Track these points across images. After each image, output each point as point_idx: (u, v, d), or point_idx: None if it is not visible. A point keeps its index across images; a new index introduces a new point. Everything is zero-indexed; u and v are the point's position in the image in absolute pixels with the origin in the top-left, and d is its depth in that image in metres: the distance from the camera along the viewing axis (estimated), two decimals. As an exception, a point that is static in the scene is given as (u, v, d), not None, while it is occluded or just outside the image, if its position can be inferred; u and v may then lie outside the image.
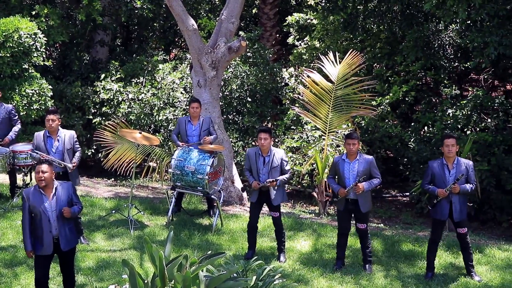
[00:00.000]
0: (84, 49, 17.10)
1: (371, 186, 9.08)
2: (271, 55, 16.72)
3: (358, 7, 16.26)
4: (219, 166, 10.93)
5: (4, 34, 13.29)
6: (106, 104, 15.28)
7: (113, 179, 15.10)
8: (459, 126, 13.69)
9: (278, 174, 9.43)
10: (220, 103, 13.89)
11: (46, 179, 7.36)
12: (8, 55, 13.29)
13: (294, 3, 21.21)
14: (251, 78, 15.61)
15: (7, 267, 8.91)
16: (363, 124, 14.64)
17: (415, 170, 13.78)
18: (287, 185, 14.46)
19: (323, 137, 13.24)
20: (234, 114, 15.58)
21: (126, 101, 15.19)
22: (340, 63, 13.12)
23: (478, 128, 13.64)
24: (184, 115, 14.65)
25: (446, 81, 15.40)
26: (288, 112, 15.32)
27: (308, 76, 13.23)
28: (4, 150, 10.88)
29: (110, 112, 15.17)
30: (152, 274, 6.09)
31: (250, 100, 15.72)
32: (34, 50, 13.69)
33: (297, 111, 13.72)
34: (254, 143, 14.79)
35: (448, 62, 15.66)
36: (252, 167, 9.51)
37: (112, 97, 15.23)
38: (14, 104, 13.03)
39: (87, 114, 15.42)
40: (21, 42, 13.39)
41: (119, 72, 15.82)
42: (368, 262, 9.42)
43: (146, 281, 5.94)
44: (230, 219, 11.45)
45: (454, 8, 12.54)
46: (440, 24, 15.55)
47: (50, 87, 14.09)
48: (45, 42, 14.06)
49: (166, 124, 14.92)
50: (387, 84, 15.33)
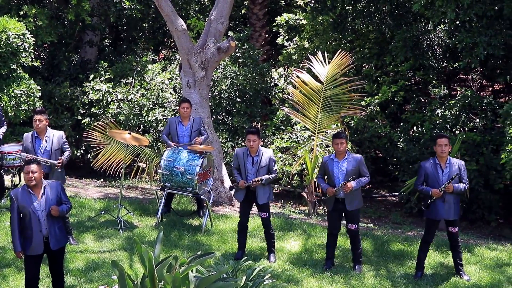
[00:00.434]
0: (73, 49, 17.03)
1: (359, 185, 9.09)
2: (260, 56, 16.72)
3: (347, 7, 16.29)
4: (208, 166, 10.92)
5: (-8, 34, 13.24)
6: (95, 104, 15.23)
7: (102, 180, 15.06)
8: (448, 126, 13.73)
9: (266, 173, 9.44)
10: (210, 104, 13.88)
11: (36, 179, 7.37)
12: (-4, 55, 13.25)
13: (283, 3, 21.21)
14: (240, 78, 15.60)
15: (-4, 268, 8.87)
16: (352, 124, 14.66)
17: (404, 170, 13.82)
18: (276, 185, 14.50)
19: (312, 137, 13.25)
20: (224, 114, 15.57)
21: (115, 101, 15.15)
22: (329, 63, 13.14)
23: (466, 128, 13.68)
24: (173, 116, 14.63)
25: (435, 81, 15.45)
26: (278, 113, 15.33)
27: (298, 77, 13.24)
28: (-9, 151, 10.82)
29: (99, 112, 15.12)
30: (141, 275, 6.08)
31: (239, 100, 15.71)
32: (22, 50, 13.62)
33: (286, 111, 13.73)
34: (244, 143, 14.78)
35: (437, 62, 15.71)
36: (241, 167, 9.52)
37: (101, 97, 15.19)
38: (2, 105, 12.97)
39: (76, 114, 15.36)
40: (9, 42, 13.31)
41: (108, 73, 15.77)
42: (358, 262, 9.43)
43: (135, 282, 5.93)
44: (220, 219, 11.44)
45: (442, 8, 12.58)
46: (429, 25, 15.60)
47: (39, 87, 14.02)
48: (33, 42, 13.99)
49: (155, 124, 14.90)
50: (376, 84, 15.36)
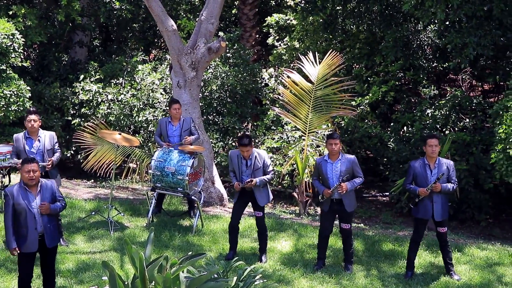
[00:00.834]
0: (63, 49, 16.98)
1: (354, 186, 9.12)
2: (251, 56, 16.72)
3: (337, 7, 16.31)
4: (199, 167, 10.91)
5: (-19, 34, 13.18)
6: (85, 105, 15.19)
7: (92, 181, 15.02)
8: (438, 126, 13.78)
9: (261, 175, 9.45)
10: (200, 104, 13.86)
11: (36, 178, 7.46)
12: (-14, 56, 13.19)
13: (274, 3, 21.22)
14: (231, 78, 15.60)
15: (-14, 270, 8.83)
16: (343, 125, 14.69)
17: (395, 170, 13.85)
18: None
19: (303, 137, 13.27)
20: (214, 114, 15.56)
21: (106, 102, 15.11)
22: (319, 64, 13.15)
23: (456, 128, 13.73)
24: (164, 116, 14.61)
25: (425, 81, 15.49)
26: (268, 113, 15.34)
27: (288, 77, 13.25)
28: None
29: (90, 113, 15.09)
30: (132, 276, 6.06)
31: (230, 100, 15.70)
32: (12, 51, 13.57)
33: (277, 111, 13.74)
34: (235, 143, 14.78)
35: (427, 62, 15.76)
36: (235, 169, 9.53)
37: (91, 98, 15.15)
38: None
39: (66, 115, 15.32)
40: (-2, 42, 13.28)
41: (98, 73, 15.73)
42: (349, 262, 9.45)
43: (126, 282, 5.92)
44: (211, 220, 11.43)
45: (432, 9, 12.62)
46: (419, 25, 15.64)
47: (28, 88, 13.98)
48: (23, 42, 13.94)
49: (146, 125, 14.87)
50: (366, 85, 15.39)
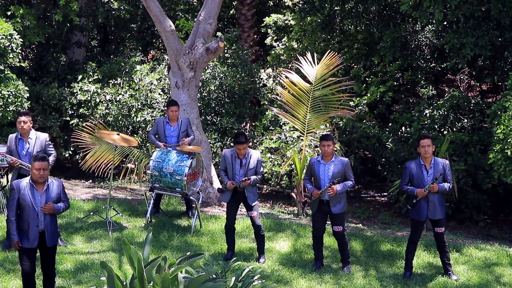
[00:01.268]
0: (61, 50, 16.96)
1: (344, 188, 9.12)
2: (249, 56, 16.71)
3: (335, 8, 16.31)
4: (197, 167, 10.91)
5: (-21, 35, 13.17)
6: (83, 105, 15.17)
7: (91, 181, 15.01)
8: (436, 127, 13.79)
9: (253, 175, 9.47)
10: (198, 104, 13.86)
11: (45, 176, 7.50)
12: (-16, 56, 13.17)
13: (272, 4, 21.22)
14: (229, 79, 15.59)
15: (-16, 270, 8.82)
16: (341, 125, 14.68)
17: (393, 170, 13.86)
18: (265, 185, 14.52)
19: (301, 137, 13.26)
20: (213, 115, 15.56)
21: (104, 102, 15.10)
22: (318, 64, 13.15)
23: (454, 128, 13.74)
24: (162, 116, 14.61)
25: (423, 81, 15.50)
26: (267, 113, 15.33)
27: (286, 77, 13.24)
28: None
29: (88, 113, 15.06)
30: (130, 276, 6.06)
31: (228, 101, 15.70)
32: (10, 51, 13.55)
33: (275, 111, 13.73)
34: (233, 144, 14.76)
35: (425, 62, 15.77)
36: (228, 168, 9.53)
37: (89, 98, 15.13)
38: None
39: (64, 115, 15.30)
40: (-4, 43, 13.27)
41: (96, 73, 15.71)
42: (346, 263, 9.45)
43: (124, 283, 5.92)
44: (209, 220, 11.43)
45: (430, 9, 12.63)
46: (417, 25, 15.66)
47: (27, 88, 13.95)
48: (21, 43, 13.92)
49: (144, 125, 14.86)
50: (364, 85, 15.39)
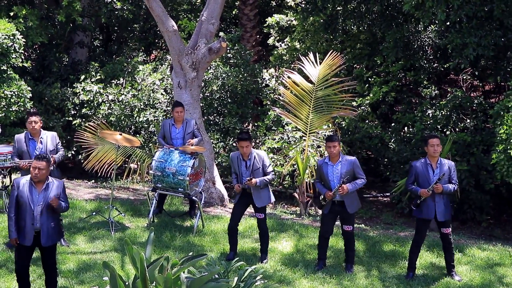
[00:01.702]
0: (64, 50, 16.99)
1: (355, 187, 9.10)
2: (251, 56, 16.72)
3: (338, 8, 16.31)
4: (200, 167, 10.91)
5: (-18, 35, 13.18)
6: (86, 105, 15.19)
7: (93, 181, 15.02)
8: (439, 127, 13.77)
9: (261, 175, 9.44)
10: (201, 104, 13.87)
11: (40, 176, 7.52)
12: (-14, 56, 13.19)
13: (274, 4, 21.23)
14: (231, 79, 15.60)
15: (-14, 270, 8.83)
16: (343, 125, 14.68)
17: (396, 170, 13.85)
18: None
19: (303, 138, 13.26)
20: (215, 115, 15.56)
21: (106, 102, 15.12)
22: (320, 64, 13.15)
23: (457, 129, 13.73)
24: (166, 117, 14.63)
25: (425, 81, 15.49)
26: (269, 113, 15.33)
27: (289, 77, 13.24)
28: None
29: (90, 113, 15.09)
30: (133, 276, 6.07)
31: (230, 101, 15.70)
32: (13, 51, 13.57)
33: (277, 112, 13.73)
34: (235, 143, 14.78)
35: (427, 62, 15.75)
36: (236, 171, 9.55)
37: (92, 98, 15.15)
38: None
39: (66, 115, 15.32)
40: (-1, 43, 13.29)
41: (99, 74, 15.73)
42: (350, 263, 9.44)
43: (127, 283, 5.92)
44: (212, 220, 11.43)
45: (433, 9, 12.61)
46: (420, 25, 15.64)
47: (29, 88, 13.99)
48: (23, 43, 13.94)
49: (146, 125, 14.87)
50: (367, 85, 15.38)
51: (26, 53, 16.14)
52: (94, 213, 11.18)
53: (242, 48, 16.57)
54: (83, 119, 15.04)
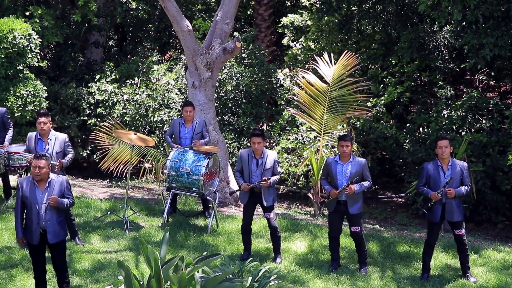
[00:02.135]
0: (79, 50, 17.07)
1: (361, 189, 9.10)
2: (266, 56, 16.71)
3: (353, 8, 16.26)
4: (214, 167, 10.92)
5: (-2, 35, 13.27)
6: (101, 105, 15.25)
7: (108, 180, 15.07)
8: (454, 127, 13.69)
9: (271, 175, 9.44)
10: (215, 104, 13.89)
11: (41, 175, 7.55)
12: (3, 56, 13.26)
13: (289, 4, 21.20)
14: (246, 79, 15.60)
15: (3, 268, 8.88)
16: (358, 125, 14.63)
17: (410, 171, 13.78)
18: (282, 186, 14.49)
19: (318, 138, 13.23)
20: (229, 115, 15.57)
21: (121, 102, 15.17)
22: (335, 64, 13.11)
23: (473, 129, 13.64)
24: (178, 117, 14.64)
25: (441, 82, 15.40)
26: (283, 113, 15.31)
27: (303, 77, 13.22)
28: (-1, 151, 10.85)
29: (105, 113, 15.14)
30: (147, 276, 6.08)
31: (245, 101, 15.71)
32: (29, 51, 13.66)
33: (292, 112, 13.72)
34: (249, 143, 14.77)
35: (443, 63, 15.66)
36: (244, 169, 9.51)
37: (107, 98, 15.21)
38: (9, 105, 13.02)
39: (82, 115, 15.38)
40: (15, 43, 13.36)
41: (114, 73, 15.79)
42: (363, 263, 9.42)
43: (141, 282, 5.93)
44: (226, 220, 11.44)
45: (449, 9, 12.53)
46: (435, 25, 15.55)
47: (45, 88, 14.06)
48: (39, 43, 14.03)
49: (161, 125, 14.91)
50: (382, 85, 15.32)
51: (41, 53, 16.23)
52: (109, 212, 11.22)
53: (256, 48, 16.57)
54: (98, 119, 15.10)
